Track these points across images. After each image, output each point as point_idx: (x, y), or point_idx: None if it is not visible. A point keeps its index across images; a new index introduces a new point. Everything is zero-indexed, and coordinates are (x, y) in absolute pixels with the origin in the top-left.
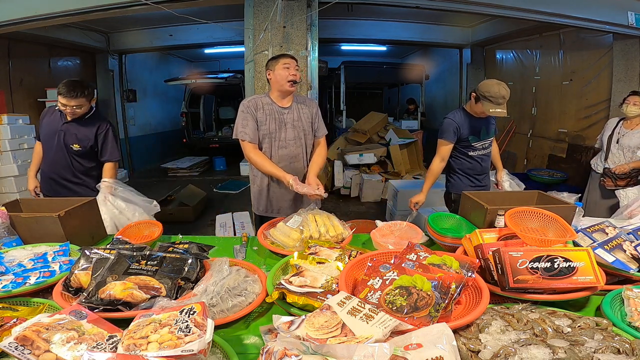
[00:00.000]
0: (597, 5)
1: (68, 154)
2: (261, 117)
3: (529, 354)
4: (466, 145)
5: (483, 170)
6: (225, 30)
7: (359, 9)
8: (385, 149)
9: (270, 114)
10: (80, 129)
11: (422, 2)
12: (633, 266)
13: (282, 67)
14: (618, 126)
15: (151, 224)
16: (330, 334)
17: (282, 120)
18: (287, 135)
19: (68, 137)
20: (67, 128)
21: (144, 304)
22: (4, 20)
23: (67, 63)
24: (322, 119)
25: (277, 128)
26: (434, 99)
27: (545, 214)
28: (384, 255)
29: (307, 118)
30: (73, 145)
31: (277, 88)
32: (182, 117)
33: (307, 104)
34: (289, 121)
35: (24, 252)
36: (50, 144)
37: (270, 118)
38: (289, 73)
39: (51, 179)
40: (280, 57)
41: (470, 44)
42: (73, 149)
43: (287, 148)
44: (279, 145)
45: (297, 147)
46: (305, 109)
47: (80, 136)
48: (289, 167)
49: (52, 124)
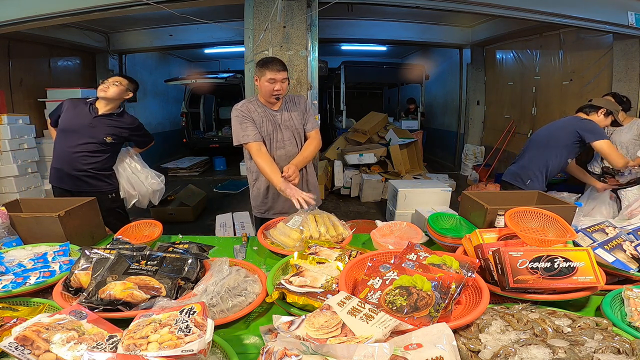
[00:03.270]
0: (597, 5)
1: (98, 144)
2: (257, 119)
3: (529, 354)
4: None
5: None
6: (225, 30)
7: (359, 9)
8: (385, 149)
9: (264, 116)
10: (112, 123)
11: (422, 2)
12: (633, 266)
13: (267, 81)
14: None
15: (151, 224)
16: (330, 334)
17: (275, 122)
18: (283, 136)
19: (100, 130)
20: (99, 122)
21: (144, 304)
22: (4, 20)
23: (67, 63)
24: (312, 113)
25: (273, 129)
26: (434, 99)
27: (545, 214)
28: (384, 255)
29: (297, 116)
30: (106, 137)
31: (262, 96)
32: (182, 117)
33: (295, 102)
34: (282, 122)
35: (24, 252)
36: (76, 135)
37: (265, 120)
38: (273, 88)
39: (62, 170)
40: (267, 68)
41: (470, 44)
42: (106, 141)
43: (284, 148)
44: (277, 146)
45: (293, 146)
46: (294, 107)
47: (113, 130)
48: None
49: (80, 116)
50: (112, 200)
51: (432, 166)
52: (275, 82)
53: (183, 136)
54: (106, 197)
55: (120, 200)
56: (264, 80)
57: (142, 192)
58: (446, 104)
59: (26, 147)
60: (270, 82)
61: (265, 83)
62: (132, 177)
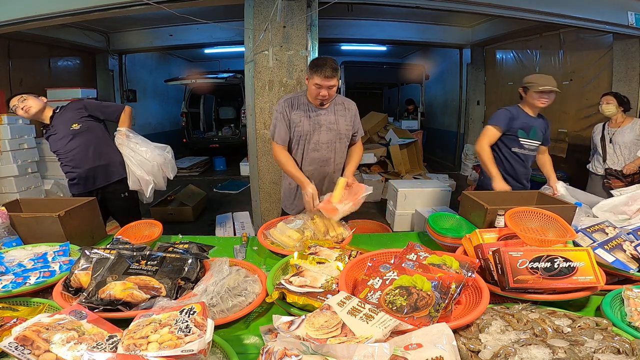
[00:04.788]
0: (597, 5)
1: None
2: (295, 118)
3: (529, 354)
4: (513, 139)
5: (521, 172)
6: (225, 30)
7: (359, 9)
8: (385, 149)
9: (305, 114)
10: (65, 116)
11: (422, 2)
12: (633, 266)
13: (313, 85)
14: (605, 128)
15: (151, 224)
16: (330, 334)
17: (317, 122)
18: (320, 137)
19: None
20: (55, 125)
21: (144, 304)
22: (4, 20)
23: (67, 63)
24: (359, 120)
25: (312, 130)
26: (434, 99)
27: (545, 214)
28: (384, 255)
29: (345, 120)
30: (72, 126)
31: (309, 95)
32: (182, 117)
33: (346, 106)
34: (325, 123)
35: (24, 252)
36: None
37: (304, 119)
38: (319, 93)
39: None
40: (315, 72)
41: (470, 44)
42: (75, 129)
43: (319, 151)
44: (312, 148)
45: (330, 150)
46: (344, 112)
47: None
48: (319, 170)
49: (52, 138)
50: (124, 200)
51: (432, 166)
52: (321, 88)
53: (183, 136)
54: (119, 195)
55: (134, 197)
56: (311, 82)
57: (154, 173)
58: (446, 104)
59: (26, 147)
60: (317, 87)
61: (312, 86)
62: (137, 160)
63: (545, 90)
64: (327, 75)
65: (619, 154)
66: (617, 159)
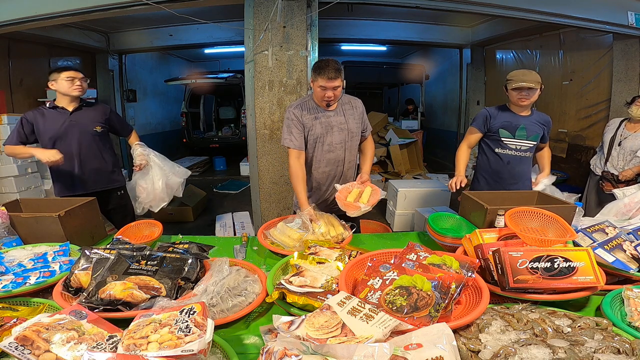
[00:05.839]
0: (597, 5)
1: (92, 137)
2: (307, 122)
3: (529, 354)
4: (495, 139)
5: (508, 175)
6: (225, 30)
7: (359, 9)
8: (385, 149)
9: (316, 118)
10: (90, 114)
11: (422, 2)
12: (633, 266)
13: (318, 87)
14: (620, 127)
15: (151, 224)
16: (330, 334)
17: (328, 124)
18: (333, 139)
19: (86, 123)
20: (77, 117)
21: (144, 304)
22: (4, 20)
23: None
24: (367, 117)
25: (324, 132)
26: (434, 99)
27: (545, 214)
28: (384, 255)
29: (354, 119)
30: (96, 128)
31: (315, 98)
32: (182, 117)
33: (352, 104)
34: (336, 124)
35: (24, 252)
36: (66, 138)
37: (316, 122)
38: (325, 95)
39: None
40: (319, 74)
41: (470, 44)
42: (96, 131)
43: (334, 152)
44: (326, 149)
45: (343, 150)
46: (352, 111)
47: (95, 120)
48: (335, 170)
49: (55, 121)
50: (120, 197)
51: (432, 166)
52: (326, 90)
53: (183, 136)
54: (115, 193)
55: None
56: (316, 85)
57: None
58: (446, 104)
59: None
60: (322, 89)
61: (317, 89)
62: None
63: (521, 87)
64: (331, 76)
65: (622, 158)
66: (618, 164)
